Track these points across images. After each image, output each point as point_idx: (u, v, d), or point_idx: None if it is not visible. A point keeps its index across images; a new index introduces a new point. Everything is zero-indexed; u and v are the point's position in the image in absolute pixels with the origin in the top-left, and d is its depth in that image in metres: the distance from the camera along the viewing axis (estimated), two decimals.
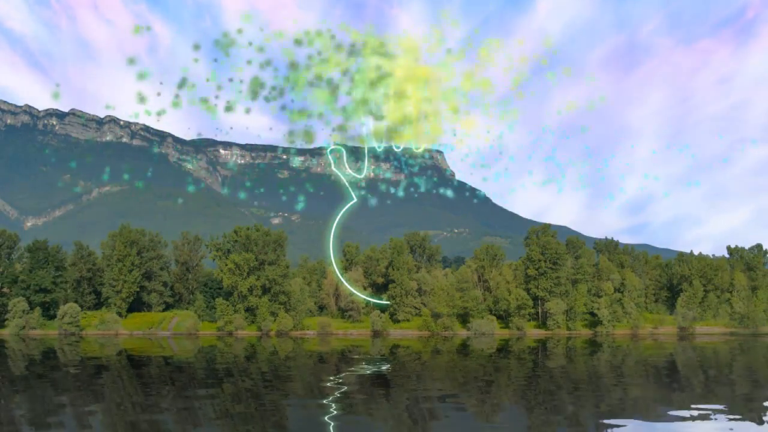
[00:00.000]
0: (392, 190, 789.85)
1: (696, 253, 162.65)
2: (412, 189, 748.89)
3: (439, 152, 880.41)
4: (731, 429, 17.67)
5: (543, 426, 17.92)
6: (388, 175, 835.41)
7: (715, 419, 19.35)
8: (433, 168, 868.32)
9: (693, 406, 22.41)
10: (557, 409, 22.02)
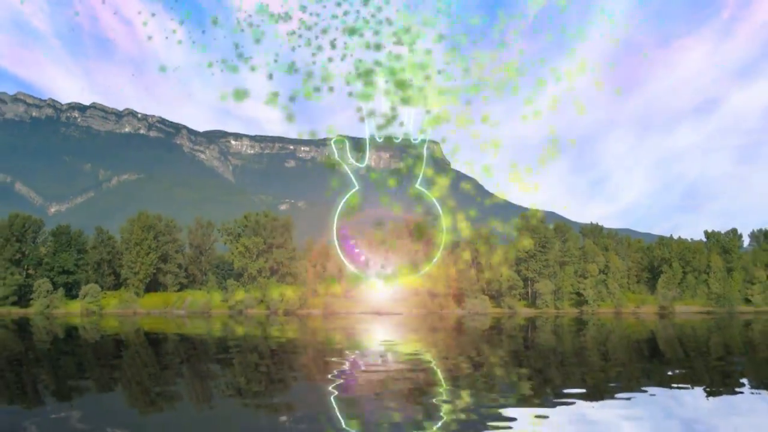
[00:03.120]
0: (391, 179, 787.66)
1: (675, 237, 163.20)
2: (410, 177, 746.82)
3: (435, 142, 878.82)
4: (708, 400, 17.66)
5: (532, 398, 17.92)
6: (388, 164, 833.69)
7: (693, 391, 19.34)
8: (430, 157, 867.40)
9: (671, 379, 22.42)
10: (545, 383, 22.04)
